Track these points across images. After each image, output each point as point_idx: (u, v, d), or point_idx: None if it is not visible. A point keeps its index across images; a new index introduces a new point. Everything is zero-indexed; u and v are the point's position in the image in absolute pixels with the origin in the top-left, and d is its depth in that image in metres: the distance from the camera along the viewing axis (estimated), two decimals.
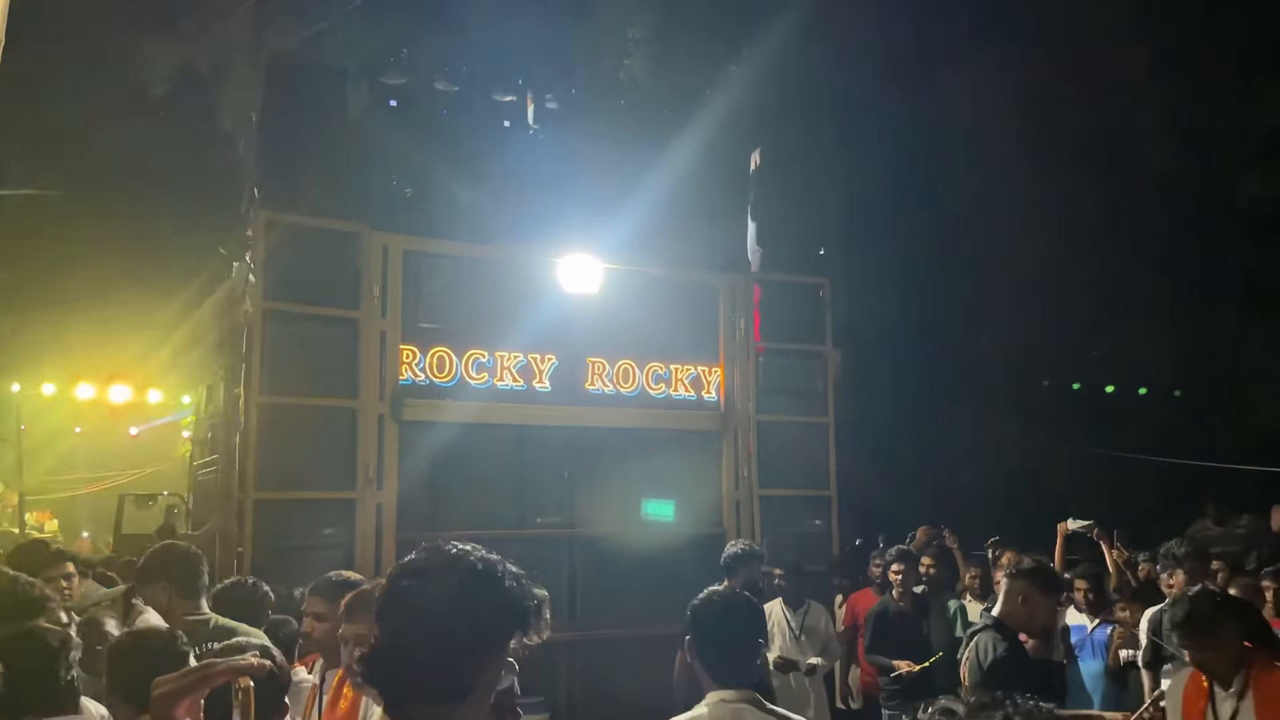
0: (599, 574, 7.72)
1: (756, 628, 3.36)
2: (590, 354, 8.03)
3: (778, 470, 8.62)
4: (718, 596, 3.32)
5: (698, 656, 3.14)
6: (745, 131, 9.47)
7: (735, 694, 3.01)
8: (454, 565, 1.68)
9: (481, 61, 9.05)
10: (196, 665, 1.79)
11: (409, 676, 1.61)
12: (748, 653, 3.19)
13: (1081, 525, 7.89)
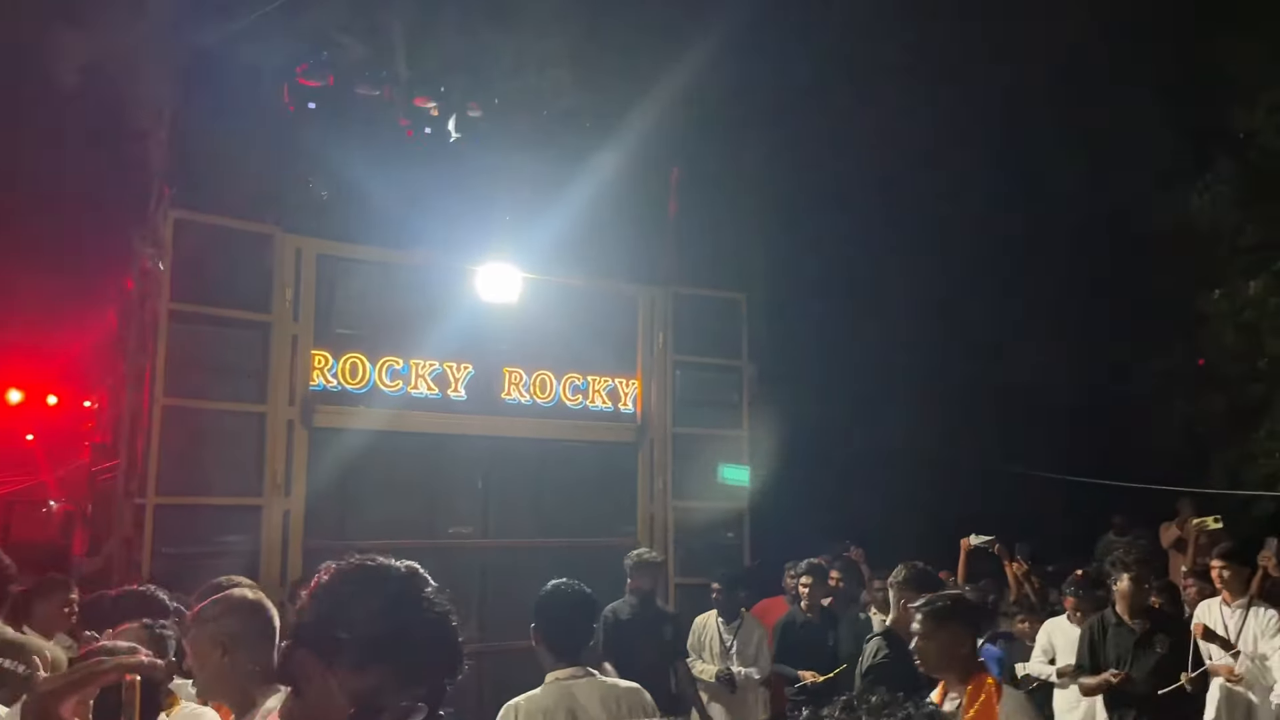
0: (511, 585, 7.65)
1: (591, 615, 3.82)
2: (507, 363, 8.00)
3: (692, 482, 8.69)
4: (558, 588, 3.75)
5: (541, 640, 3.65)
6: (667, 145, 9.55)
7: (570, 671, 3.56)
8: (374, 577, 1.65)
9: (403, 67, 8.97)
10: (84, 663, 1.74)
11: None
12: (582, 636, 3.71)
13: (983, 541, 8.09)
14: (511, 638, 7.52)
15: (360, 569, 1.65)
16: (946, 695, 3.60)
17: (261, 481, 6.89)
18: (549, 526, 8.02)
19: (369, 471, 7.30)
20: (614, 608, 6.46)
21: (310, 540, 6.89)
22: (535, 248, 8.00)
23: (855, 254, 12.11)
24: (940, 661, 3.58)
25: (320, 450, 7.16)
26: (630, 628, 6.32)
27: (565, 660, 3.58)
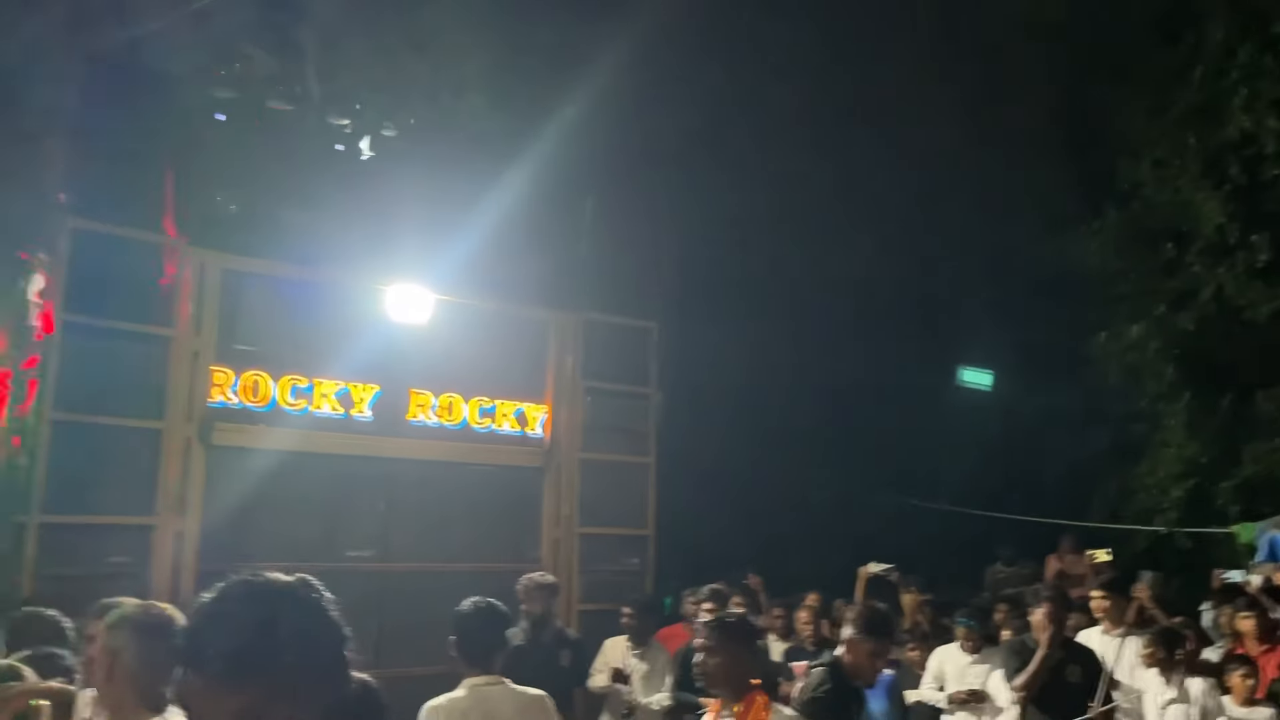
0: (410, 609, 7.57)
1: (502, 627, 4.31)
2: (415, 385, 7.93)
3: (598, 508, 8.73)
4: (474, 604, 4.24)
5: (458, 651, 4.10)
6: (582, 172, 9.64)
7: (485, 679, 4.05)
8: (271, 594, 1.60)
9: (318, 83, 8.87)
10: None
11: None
12: (496, 648, 4.18)
13: (883, 569, 8.33)
14: (409, 663, 7.44)
15: (241, 584, 1.60)
16: (720, 713, 3.67)
17: (154, 500, 6.68)
18: (452, 551, 7.95)
19: (268, 492, 7.13)
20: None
21: (205, 562, 6.70)
22: (447, 269, 7.97)
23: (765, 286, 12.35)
24: (719, 677, 3.67)
25: (218, 469, 6.99)
26: (522, 655, 6.27)
27: (479, 668, 4.06)
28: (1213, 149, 10.77)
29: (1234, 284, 10.81)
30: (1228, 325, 11.21)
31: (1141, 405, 11.68)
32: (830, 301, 12.33)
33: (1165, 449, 11.05)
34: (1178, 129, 11.03)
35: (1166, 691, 5.96)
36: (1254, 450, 10.55)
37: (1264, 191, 10.62)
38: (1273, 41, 10.30)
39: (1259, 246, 10.49)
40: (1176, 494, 10.86)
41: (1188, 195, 10.97)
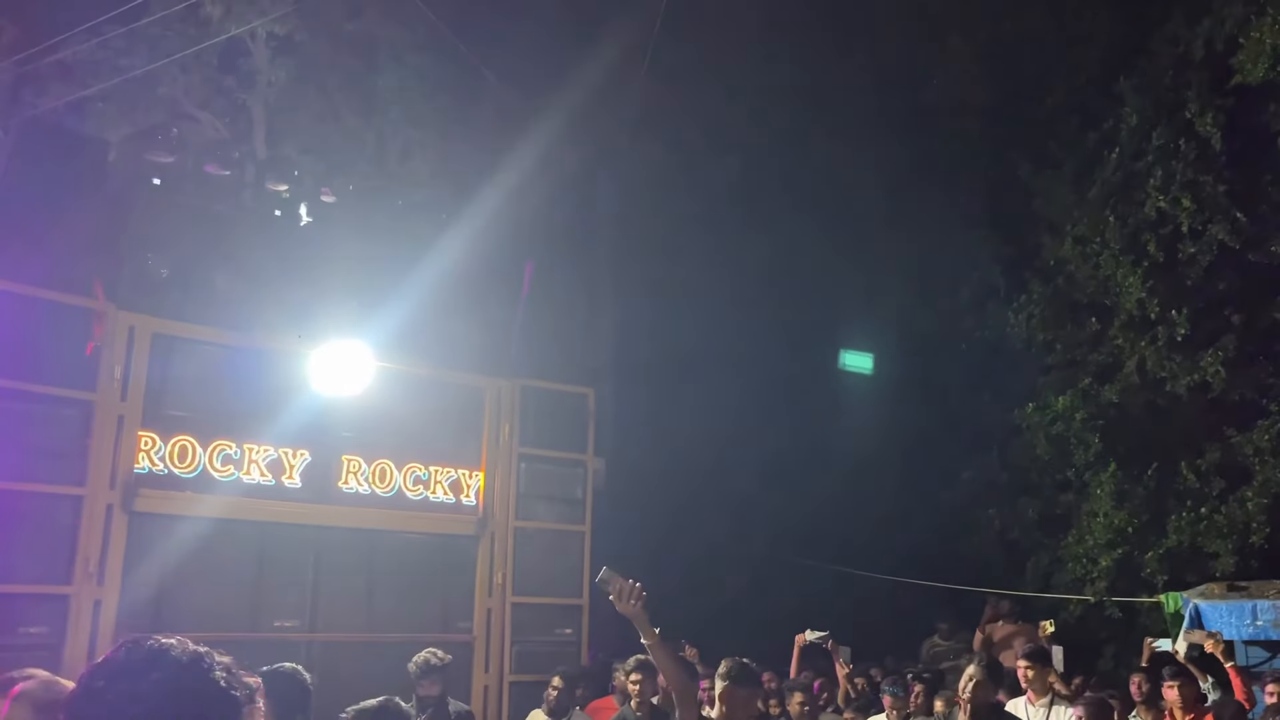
0: (337, 680, 7.36)
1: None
2: (346, 451, 7.84)
3: (532, 577, 8.64)
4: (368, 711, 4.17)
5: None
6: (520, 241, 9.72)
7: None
8: (156, 661, 1.58)
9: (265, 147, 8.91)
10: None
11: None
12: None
13: (818, 636, 8.34)
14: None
15: (138, 649, 1.60)
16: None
17: (72, 569, 6.48)
18: (381, 621, 7.80)
19: (193, 560, 6.94)
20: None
21: (122, 631, 6.48)
22: (382, 335, 7.94)
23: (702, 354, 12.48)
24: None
25: (141, 537, 6.80)
26: None
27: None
28: (1131, 227, 11.19)
29: (1155, 357, 11.16)
30: (1150, 397, 11.55)
31: (1069, 475, 11.91)
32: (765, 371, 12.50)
33: (1094, 519, 11.24)
34: (1098, 208, 11.45)
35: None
36: (1178, 521, 10.78)
37: (1181, 268, 11.04)
38: (1185, 125, 10.79)
39: (1178, 321, 10.86)
40: (1105, 563, 11.03)
41: (1109, 271, 11.35)
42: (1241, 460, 10.82)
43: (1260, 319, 10.96)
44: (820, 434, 12.53)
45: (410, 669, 6.34)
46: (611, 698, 7.93)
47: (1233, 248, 10.65)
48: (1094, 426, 11.46)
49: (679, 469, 12.27)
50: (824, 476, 12.64)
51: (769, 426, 12.44)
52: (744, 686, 4.18)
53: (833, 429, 12.62)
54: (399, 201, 9.39)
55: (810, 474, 12.65)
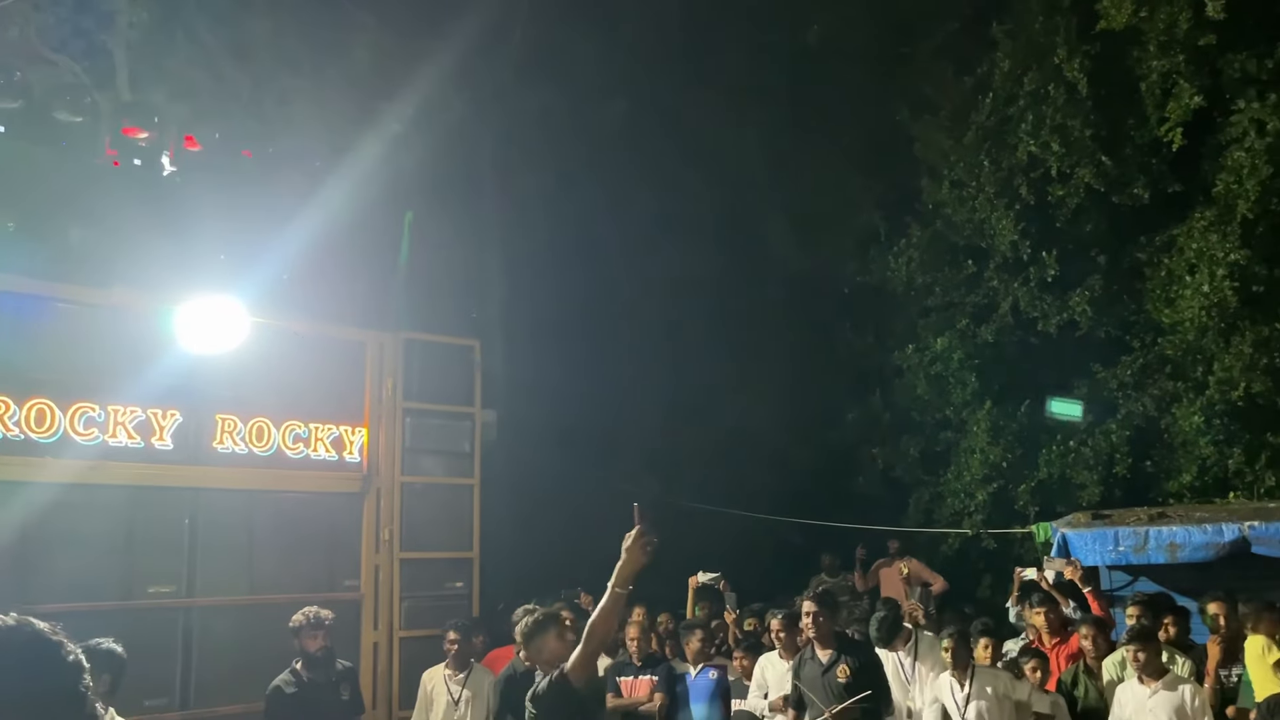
0: (219, 646, 7.20)
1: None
2: (220, 410, 7.55)
3: (421, 532, 8.54)
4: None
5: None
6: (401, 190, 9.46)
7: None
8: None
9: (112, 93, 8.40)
10: None
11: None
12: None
13: (710, 578, 8.49)
14: (220, 702, 7.09)
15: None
16: None
17: None
18: (265, 583, 7.60)
19: (57, 528, 6.63)
20: (276, 685, 6.12)
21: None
22: (255, 289, 7.64)
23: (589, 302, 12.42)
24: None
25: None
26: (300, 700, 6.03)
27: None
28: (1005, 170, 11.50)
29: (1027, 297, 11.56)
30: (1023, 336, 11.98)
31: (948, 414, 12.30)
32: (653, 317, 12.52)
33: (971, 455, 11.65)
34: (973, 152, 11.72)
35: (963, 689, 6.24)
36: (1048, 454, 11.26)
37: (1051, 210, 11.41)
38: (1054, 70, 11.08)
39: (1048, 262, 11.25)
40: (981, 497, 11.47)
41: (984, 214, 11.66)
42: (1107, 394, 11.34)
43: (1124, 259, 11.43)
44: (710, 380, 12.65)
45: (293, 624, 6.22)
46: (512, 647, 7.84)
47: (1099, 190, 11.03)
48: (971, 366, 11.85)
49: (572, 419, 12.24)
50: (714, 422, 12.78)
51: (659, 374, 12.49)
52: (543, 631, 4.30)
53: (721, 375, 12.74)
54: (270, 149, 8.99)
55: (701, 420, 12.77)
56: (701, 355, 12.66)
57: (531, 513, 11.52)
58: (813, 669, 6.04)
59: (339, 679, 6.30)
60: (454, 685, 7.06)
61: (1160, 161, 10.90)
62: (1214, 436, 10.31)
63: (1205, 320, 10.21)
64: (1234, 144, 10.16)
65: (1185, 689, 5.80)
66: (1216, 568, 8.04)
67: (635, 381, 12.66)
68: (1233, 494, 10.09)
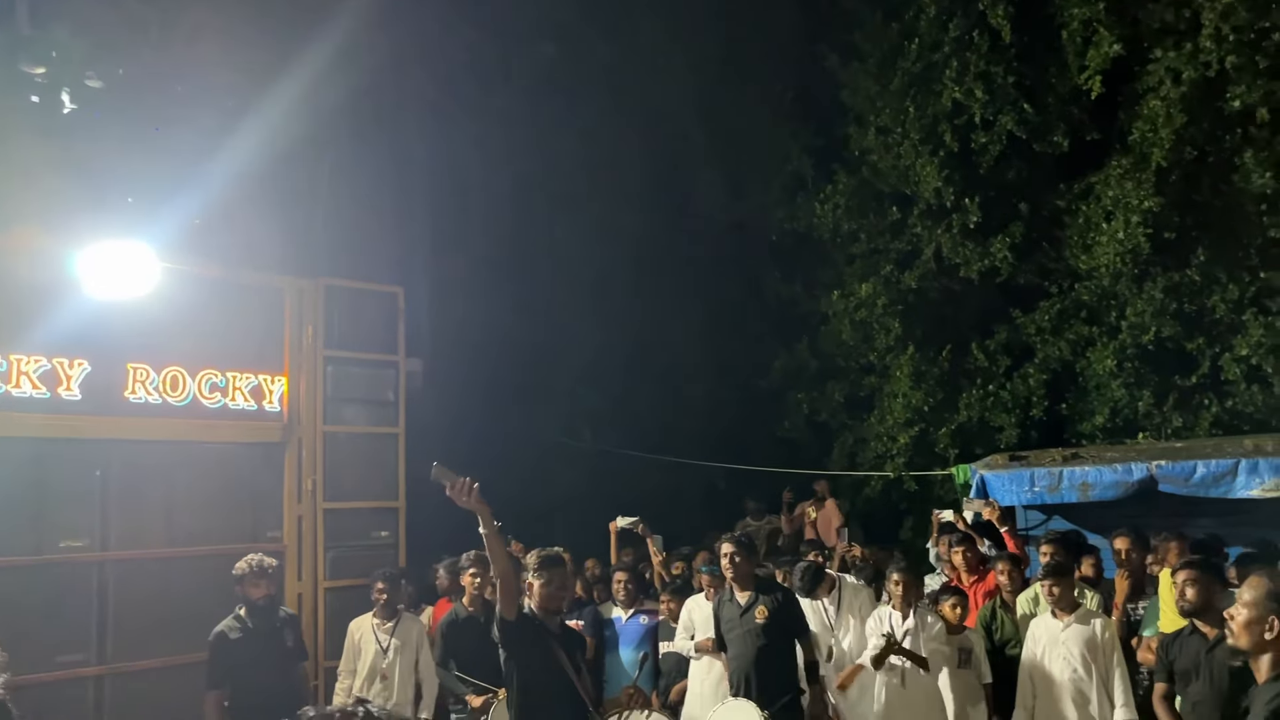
0: (137, 600, 7.04)
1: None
2: (132, 359, 7.30)
3: (345, 482, 8.41)
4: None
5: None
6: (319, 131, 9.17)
7: None
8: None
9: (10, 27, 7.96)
10: None
11: None
12: None
13: (629, 522, 8.52)
14: (136, 656, 6.95)
15: None
16: None
17: None
18: (183, 535, 7.43)
19: None
20: (220, 630, 6.03)
21: None
22: (165, 234, 7.34)
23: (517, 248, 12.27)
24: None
25: None
26: (242, 649, 5.95)
27: None
28: (930, 117, 11.56)
29: (950, 244, 11.71)
30: (946, 282, 12.16)
31: (872, 359, 12.47)
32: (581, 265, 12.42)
33: (893, 399, 11.84)
34: (898, 98, 11.76)
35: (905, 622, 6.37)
36: (968, 398, 11.50)
37: (975, 157, 11.53)
38: (979, 17, 11.13)
39: (971, 209, 11.39)
40: (903, 440, 11.69)
41: (909, 160, 11.74)
42: (1025, 339, 11.60)
43: (1044, 206, 11.63)
44: (639, 327, 12.63)
45: (237, 571, 6.09)
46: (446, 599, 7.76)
47: (1020, 138, 11.17)
48: (894, 312, 12.00)
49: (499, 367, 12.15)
50: (644, 369, 12.80)
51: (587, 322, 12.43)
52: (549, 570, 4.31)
53: (650, 321, 12.73)
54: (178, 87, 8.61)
55: (631, 367, 12.77)
56: (630, 302, 12.63)
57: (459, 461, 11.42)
58: (732, 610, 6.12)
59: (282, 625, 6.20)
60: (382, 634, 7.01)
61: (1080, 110, 11.07)
62: (1125, 379, 10.62)
63: (1120, 266, 10.47)
64: (1150, 93, 10.35)
65: (1096, 622, 5.99)
66: (1126, 505, 8.32)
67: (563, 329, 12.58)
68: (1141, 435, 10.43)
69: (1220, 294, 10.20)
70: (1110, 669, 5.85)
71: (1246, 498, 7.82)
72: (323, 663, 7.80)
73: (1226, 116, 10.08)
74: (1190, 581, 4.96)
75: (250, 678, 5.76)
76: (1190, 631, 5.02)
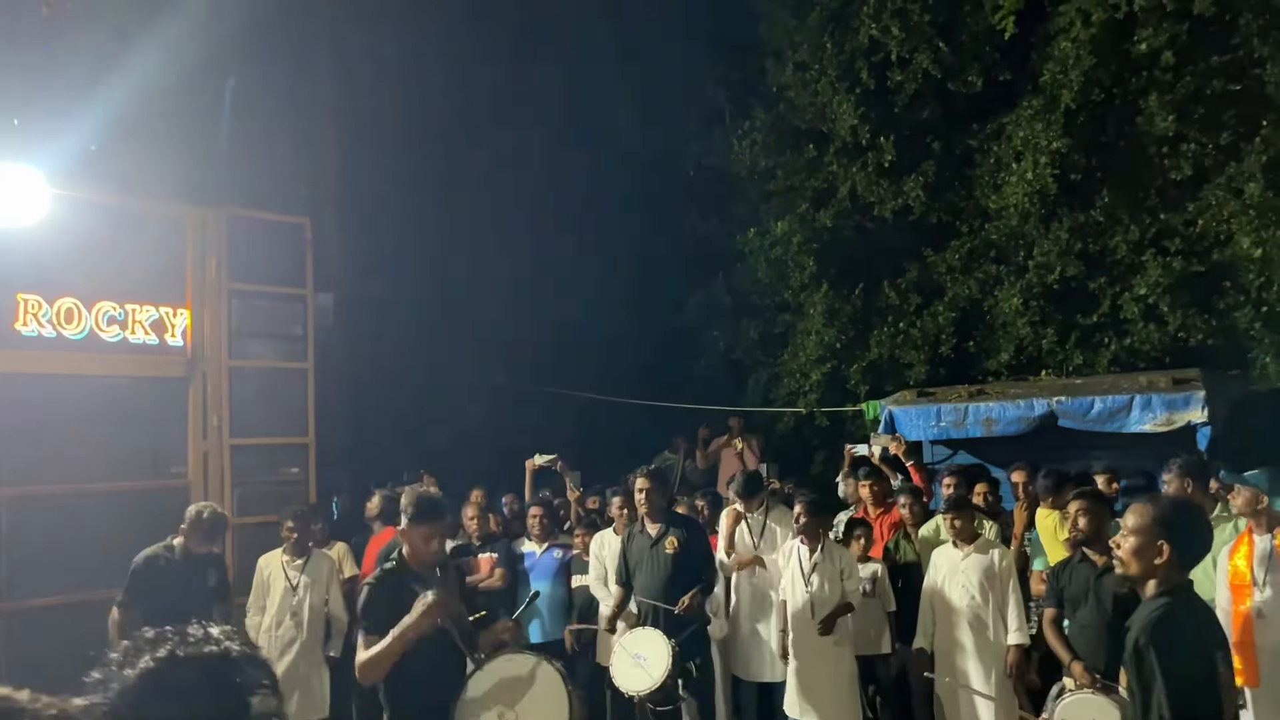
0: (32, 537, 6.84)
1: None
2: (22, 290, 6.98)
3: (252, 418, 8.23)
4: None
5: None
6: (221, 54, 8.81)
7: None
8: None
9: None
10: None
11: None
12: None
13: (546, 460, 8.54)
14: (32, 594, 6.77)
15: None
16: None
17: None
18: (81, 471, 7.21)
19: None
20: (149, 554, 5.91)
21: None
22: (57, 159, 7.02)
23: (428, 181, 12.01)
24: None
25: None
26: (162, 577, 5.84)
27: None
28: (847, 54, 11.56)
29: (865, 182, 11.80)
30: (860, 220, 12.28)
31: (787, 297, 12.57)
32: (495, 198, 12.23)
33: (807, 337, 11.99)
34: (816, 34, 11.72)
35: (813, 556, 6.51)
36: (879, 335, 11.70)
37: (890, 96, 11.59)
38: None
39: (885, 148, 11.47)
40: (816, 377, 11.86)
41: (825, 98, 11.75)
42: (936, 278, 11.80)
43: (956, 146, 11.76)
44: (553, 261, 12.52)
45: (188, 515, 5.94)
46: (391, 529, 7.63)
47: (935, 77, 11.25)
48: (810, 250, 12.09)
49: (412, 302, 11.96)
50: (558, 304, 12.72)
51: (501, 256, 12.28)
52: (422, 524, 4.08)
53: (565, 256, 12.63)
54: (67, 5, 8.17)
55: (545, 302, 12.69)
56: (545, 236, 12.50)
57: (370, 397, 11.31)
58: (642, 542, 6.20)
59: (207, 563, 6.07)
60: (292, 571, 6.94)
61: (993, 50, 11.17)
62: (1030, 318, 10.90)
63: (1028, 206, 10.68)
64: (1061, 34, 10.48)
65: (995, 552, 6.21)
66: (1028, 440, 8.60)
67: (476, 263, 12.43)
68: (1044, 372, 10.74)
69: (1122, 235, 10.49)
70: (1006, 596, 6.09)
71: (1140, 432, 8.15)
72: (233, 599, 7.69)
73: (1133, 59, 10.28)
74: (1082, 511, 5.16)
75: (163, 606, 5.62)
76: (1080, 559, 5.24)
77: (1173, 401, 8.07)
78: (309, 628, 6.85)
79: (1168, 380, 8.39)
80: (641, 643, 5.74)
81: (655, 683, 5.52)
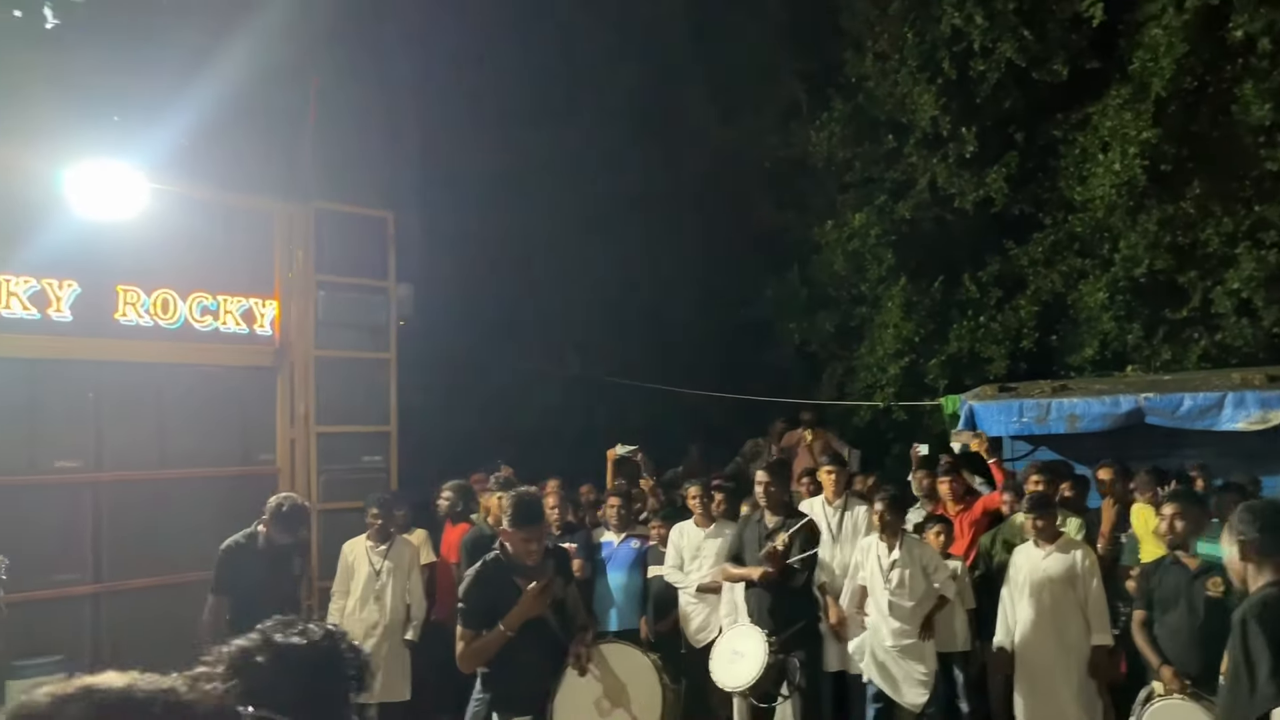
0: (129, 520, 7.10)
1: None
2: (121, 281, 7.25)
3: (337, 406, 8.44)
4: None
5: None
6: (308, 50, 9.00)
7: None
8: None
9: None
10: None
11: None
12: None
13: (627, 450, 8.59)
14: (130, 575, 7.04)
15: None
16: None
17: None
18: (176, 457, 7.48)
19: None
20: (232, 543, 6.10)
21: None
22: (153, 154, 7.27)
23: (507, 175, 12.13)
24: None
25: None
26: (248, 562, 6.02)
27: None
28: (928, 44, 11.38)
29: (945, 174, 11.61)
30: (940, 212, 12.09)
31: (864, 289, 12.44)
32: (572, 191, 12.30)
33: (884, 330, 11.85)
34: (897, 24, 11.56)
35: (891, 553, 6.46)
36: (959, 329, 11.52)
37: (972, 86, 11.38)
38: None
39: (967, 139, 11.27)
40: (893, 371, 11.72)
41: (905, 88, 11.58)
42: (1017, 271, 11.58)
43: (1039, 136, 11.51)
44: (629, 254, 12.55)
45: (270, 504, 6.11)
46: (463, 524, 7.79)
47: (1019, 66, 11.02)
48: (888, 242, 11.94)
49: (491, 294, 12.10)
50: (634, 296, 12.75)
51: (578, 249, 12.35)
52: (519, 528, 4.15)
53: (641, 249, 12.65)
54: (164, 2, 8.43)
55: (620, 294, 12.73)
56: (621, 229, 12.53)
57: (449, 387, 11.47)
58: (756, 531, 6.16)
59: (291, 551, 6.25)
60: (375, 557, 7.11)
61: (1080, 38, 10.90)
62: (1116, 312, 10.64)
63: (1114, 198, 10.42)
64: (1152, 21, 10.19)
65: (1077, 552, 6.10)
66: (1113, 437, 8.40)
67: (554, 256, 12.51)
68: (1130, 367, 10.49)
69: (1214, 227, 10.17)
70: (1088, 596, 5.98)
71: (1232, 430, 7.91)
72: (316, 583, 7.91)
73: (1228, 46, 9.95)
74: (1178, 515, 5.03)
75: (251, 591, 5.80)
76: (1172, 562, 5.12)
77: (1268, 399, 7.81)
78: (391, 612, 7.02)
79: (1262, 377, 8.13)
80: (741, 638, 5.77)
81: (751, 679, 5.53)
